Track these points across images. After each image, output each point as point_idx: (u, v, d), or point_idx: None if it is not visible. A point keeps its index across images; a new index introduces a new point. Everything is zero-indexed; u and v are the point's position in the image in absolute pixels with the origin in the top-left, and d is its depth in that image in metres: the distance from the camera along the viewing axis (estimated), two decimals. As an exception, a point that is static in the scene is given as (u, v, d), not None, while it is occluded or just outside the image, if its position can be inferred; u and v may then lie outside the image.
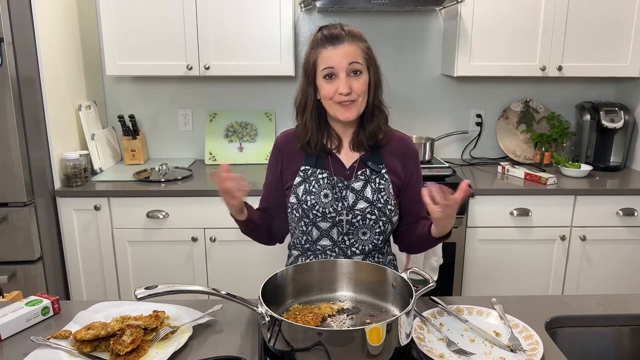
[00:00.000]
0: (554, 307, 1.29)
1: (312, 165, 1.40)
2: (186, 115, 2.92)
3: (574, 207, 2.42)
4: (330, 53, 1.30)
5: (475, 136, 2.98)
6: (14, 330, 1.18)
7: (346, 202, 1.37)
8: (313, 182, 1.38)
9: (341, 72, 1.30)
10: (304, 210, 1.37)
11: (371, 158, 1.41)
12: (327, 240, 1.40)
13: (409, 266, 2.31)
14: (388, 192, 1.38)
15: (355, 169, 1.40)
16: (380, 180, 1.39)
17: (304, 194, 1.38)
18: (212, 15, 2.46)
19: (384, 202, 1.37)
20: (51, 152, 2.31)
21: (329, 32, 1.32)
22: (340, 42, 1.30)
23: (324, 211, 1.36)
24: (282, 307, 1.19)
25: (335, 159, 1.42)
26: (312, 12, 2.80)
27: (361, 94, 1.33)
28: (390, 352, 0.99)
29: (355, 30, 1.35)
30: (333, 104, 1.34)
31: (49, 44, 2.27)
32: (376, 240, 1.41)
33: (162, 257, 2.44)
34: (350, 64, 1.30)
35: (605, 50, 2.55)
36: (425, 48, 2.87)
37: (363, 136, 1.40)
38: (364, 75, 1.33)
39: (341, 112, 1.33)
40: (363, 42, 1.35)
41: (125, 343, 1.06)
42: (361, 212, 1.36)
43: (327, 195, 1.37)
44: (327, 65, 1.31)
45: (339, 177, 1.39)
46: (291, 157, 1.44)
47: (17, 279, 2.24)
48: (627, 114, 2.69)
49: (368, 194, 1.37)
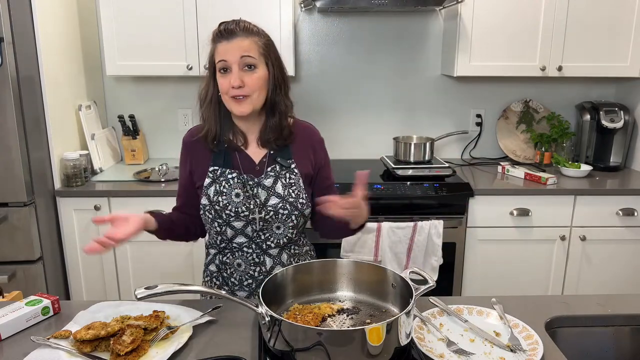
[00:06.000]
0: (554, 307, 1.29)
1: (221, 165, 1.40)
2: (186, 115, 2.92)
3: (574, 207, 2.42)
4: (225, 47, 1.32)
5: (475, 136, 2.98)
6: (14, 330, 1.18)
7: (258, 200, 1.37)
8: (223, 182, 1.38)
9: (234, 65, 1.31)
10: (217, 211, 1.38)
11: (279, 154, 1.42)
12: (243, 237, 1.40)
13: (409, 266, 2.31)
14: (298, 186, 1.40)
15: (265, 164, 1.41)
16: (290, 175, 1.40)
17: (215, 195, 1.38)
18: (212, 15, 2.46)
19: (295, 196, 1.39)
20: (51, 152, 2.31)
21: (224, 27, 1.34)
22: (234, 37, 1.32)
23: (236, 210, 1.37)
24: (282, 307, 1.19)
25: (244, 155, 1.42)
26: (312, 12, 2.80)
27: (256, 90, 1.33)
28: (390, 352, 0.99)
29: (252, 25, 1.37)
30: (228, 98, 1.34)
31: (49, 44, 2.27)
32: (290, 234, 1.42)
33: (162, 257, 2.44)
34: (242, 57, 1.31)
35: (605, 50, 2.55)
36: (425, 48, 2.87)
37: (268, 133, 1.41)
38: (258, 71, 1.34)
39: (235, 106, 1.34)
40: (261, 37, 1.36)
41: (125, 343, 1.06)
42: (273, 207, 1.37)
43: (239, 194, 1.37)
44: (221, 58, 1.33)
45: (249, 174, 1.39)
46: (199, 155, 1.43)
47: (17, 279, 2.24)
48: (627, 114, 2.69)
49: (279, 190, 1.38)
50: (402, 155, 2.69)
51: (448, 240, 2.39)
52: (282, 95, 1.40)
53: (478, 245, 2.46)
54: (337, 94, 2.93)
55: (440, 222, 2.33)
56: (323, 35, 2.85)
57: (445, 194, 2.37)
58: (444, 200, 2.38)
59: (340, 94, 2.92)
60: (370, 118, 2.95)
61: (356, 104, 2.93)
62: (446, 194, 2.37)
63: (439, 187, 2.38)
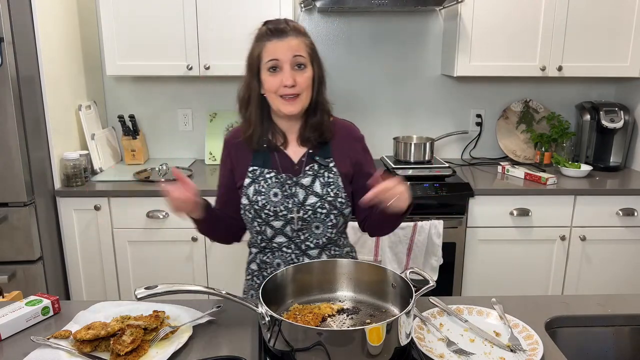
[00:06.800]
0: (554, 307, 1.29)
1: (260, 165, 1.40)
2: (186, 115, 2.92)
3: (574, 207, 2.42)
4: (275, 45, 1.31)
5: (475, 136, 2.98)
6: (14, 330, 1.18)
7: (296, 199, 1.37)
8: (262, 182, 1.39)
9: (285, 64, 1.31)
10: (256, 211, 1.38)
11: (319, 152, 1.41)
12: (282, 237, 1.40)
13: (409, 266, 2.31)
14: (337, 185, 1.39)
15: (303, 163, 1.41)
16: (328, 174, 1.40)
17: (254, 194, 1.38)
18: (212, 15, 2.46)
19: (334, 195, 1.38)
20: (51, 152, 2.31)
21: (274, 25, 1.33)
22: (286, 36, 1.32)
23: (275, 210, 1.37)
24: (282, 307, 1.19)
25: (283, 154, 1.42)
26: (312, 12, 2.80)
27: (305, 89, 1.34)
28: (390, 352, 0.99)
29: (300, 25, 1.37)
30: (277, 97, 1.34)
31: (49, 44, 2.27)
32: (330, 234, 1.41)
33: (162, 257, 2.44)
34: (294, 56, 1.31)
35: (605, 51, 2.55)
36: (425, 48, 2.87)
37: (309, 131, 1.40)
38: (307, 70, 1.34)
39: (284, 106, 1.34)
40: (307, 38, 1.36)
41: (125, 343, 1.06)
42: (312, 207, 1.37)
43: (277, 194, 1.37)
44: (271, 57, 1.31)
45: (287, 174, 1.39)
46: (239, 155, 1.44)
47: (17, 279, 2.24)
48: (627, 114, 2.69)
49: (317, 189, 1.38)
50: (402, 155, 2.69)
51: (448, 240, 2.40)
52: (323, 95, 1.41)
53: (478, 245, 2.46)
54: (337, 94, 2.92)
55: (440, 222, 2.33)
56: (323, 35, 2.85)
57: (445, 194, 2.37)
58: (444, 200, 2.38)
59: (340, 94, 2.92)
60: (370, 118, 2.95)
61: (356, 104, 2.93)
62: (446, 194, 2.37)
63: (439, 187, 2.39)
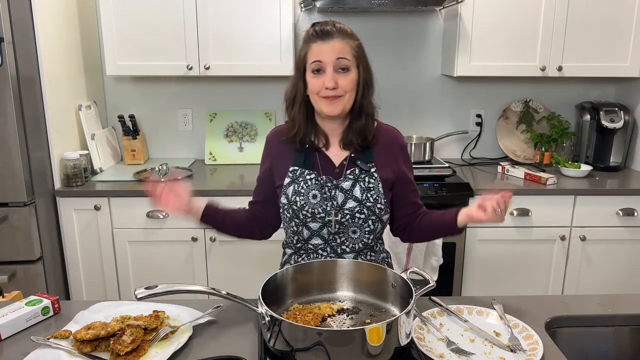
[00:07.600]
0: (554, 307, 1.29)
1: (301, 166, 1.41)
2: (186, 115, 2.92)
3: (574, 207, 2.42)
4: (320, 47, 1.32)
5: (475, 136, 2.98)
6: (14, 330, 1.18)
7: (335, 202, 1.37)
8: (301, 183, 1.39)
9: (328, 66, 1.32)
10: (294, 211, 1.38)
11: (361, 157, 1.41)
12: (319, 239, 1.40)
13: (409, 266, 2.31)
14: (377, 190, 1.39)
15: (344, 167, 1.41)
16: (369, 179, 1.39)
17: (293, 194, 1.38)
18: (212, 15, 2.46)
19: (374, 200, 1.38)
20: (51, 152, 2.31)
21: (320, 27, 1.34)
22: (331, 38, 1.32)
23: (313, 212, 1.37)
24: (282, 307, 1.19)
25: (324, 156, 1.42)
26: (312, 12, 2.80)
27: (348, 91, 1.34)
28: (390, 352, 0.99)
29: (347, 28, 1.36)
30: (319, 98, 1.35)
31: (49, 44, 2.27)
32: (366, 239, 1.41)
33: (162, 257, 2.44)
34: (337, 59, 1.32)
35: (605, 51, 2.54)
36: (425, 48, 2.87)
37: (352, 135, 1.41)
38: (352, 73, 1.34)
39: (325, 106, 1.34)
40: (354, 40, 1.36)
41: (125, 343, 1.06)
42: (350, 211, 1.37)
43: (316, 195, 1.37)
44: (315, 59, 1.33)
45: (328, 176, 1.39)
46: (281, 154, 1.45)
47: (17, 279, 2.24)
48: (627, 114, 2.69)
49: (357, 193, 1.38)
50: (402, 155, 2.69)
51: (448, 240, 2.39)
52: (369, 99, 1.41)
53: (478, 245, 2.46)
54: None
55: (440, 222, 2.33)
56: (323, 35, 2.84)
57: (445, 194, 2.37)
58: (444, 200, 2.38)
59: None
60: (370, 118, 2.94)
61: (356, 104, 2.93)
62: (446, 194, 2.37)
63: (439, 187, 2.39)
